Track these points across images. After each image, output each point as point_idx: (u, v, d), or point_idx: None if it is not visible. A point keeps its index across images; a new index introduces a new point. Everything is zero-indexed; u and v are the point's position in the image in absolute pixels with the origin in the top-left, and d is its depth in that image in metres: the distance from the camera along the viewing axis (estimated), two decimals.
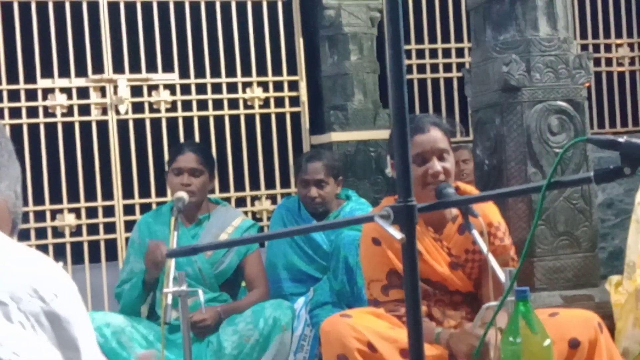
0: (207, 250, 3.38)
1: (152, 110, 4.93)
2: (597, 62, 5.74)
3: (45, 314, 0.96)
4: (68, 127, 4.77)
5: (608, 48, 5.94)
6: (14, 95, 4.70)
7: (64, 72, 4.76)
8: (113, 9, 4.84)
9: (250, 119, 5.12)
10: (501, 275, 2.23)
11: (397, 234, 1.36)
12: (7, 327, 0.93)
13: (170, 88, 4.96)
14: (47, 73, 4.74)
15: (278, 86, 5.20)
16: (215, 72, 5.04)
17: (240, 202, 5.08)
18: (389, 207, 1.40)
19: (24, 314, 0.94)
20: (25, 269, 0.99)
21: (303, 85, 5.23)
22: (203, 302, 2.81)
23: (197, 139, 4.92)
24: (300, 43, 5.24)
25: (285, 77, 5.19)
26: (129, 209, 4.85)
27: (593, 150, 3.54)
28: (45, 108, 4.75)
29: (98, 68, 4.82)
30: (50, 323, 0.96)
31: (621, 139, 1.39)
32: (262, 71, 5.15)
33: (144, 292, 3.51)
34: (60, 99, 4.76)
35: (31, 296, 0.95)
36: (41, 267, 1.01)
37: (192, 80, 5.00)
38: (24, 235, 4.61)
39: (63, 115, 4.77)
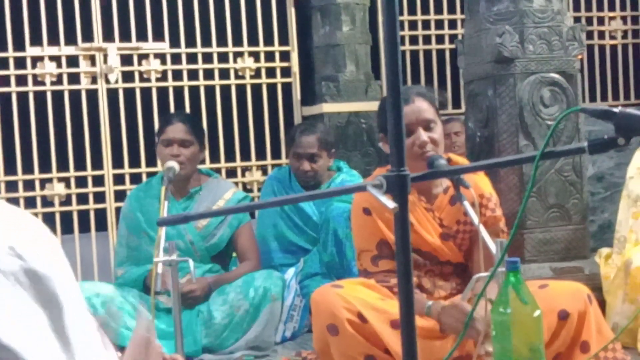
0: (198, 219, 3.38)
1: (142, 79, 4.89)
2: (589, 35, 5.72)
3: (25, 272, 0.93)
4: (57, 96, 4.74)
5: (601, 21, 5.92)
6: (2, 63, 4.66)
7: (54, 40, 4.72)
8: None
9: (241, 89, 5.09)
10: (492, 246, 2.23)
11: (389, 203, 1.35)
12: None
13: (161, 57, 4.92)
14: (36, 41, 4.69)
15: (269, 56, 5.16)
16: (206, 42, 5.00)
17: (231, 173, 5.07)
18: (381, 176, 1.39)
19: (2, 273, 0.92)
20: (0, 225, 0.96)
21: (295, 56, 5.20)
22: (194, 272, 2.81)
23: (187, 109, 4.89)
24: (292, 13, 5.19)
25: (276, 48, 5.16)
26: (118, 179, 4.83)
27: (585, 123, 3.53)
28: (35, 76, 4.71)
29: (88, 36, 4.77)
30: (29, 280, 0.93)
31: (616, 110, 1.37)
32: (253, 41, 5.11)
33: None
34: (50, 68, 4.72)
35: (9, 254, 0.93)
36: (17, 223, 0.98)
37: (183, 49, 4.96)
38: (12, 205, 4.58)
39: (52, 83, 4.73)
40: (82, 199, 4.80)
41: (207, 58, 5.02)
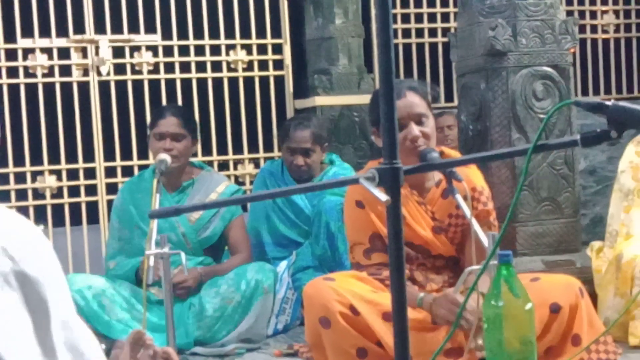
0: (190, 211, 3.37)
1: (134, 71, 4.87)
2: (582, 29, 5.72)
3: (15, 274, 0.92)
4: (49, 88, 4.71)
5: (593, 15, 5.92)
6: None
7: (45, 32, 4.69)
8: None
9: (233, 82, 5.07)
10: (484, 239, 2.24)
11: (382, 196, 1.34)
12: None
13: (153, 49, 4.90)
14: (27, 33, 4.66)
15: (262, 49, 5.15)
16: (199, 34, 4.98)
17: (223, 166, 5.06)
18: (374, 168, 1.39)
19: None
20: None
21: (287, 49, 5.18)
22: (185, 264, 2.80)
23: (179, 101, 4.87)
24: (284, 5, 5.17)
25: (269, 40, 5.14)
26: (110, 172, 4.81)
27: (577, 117, 3.54)
28: (26, 68, 4.68)
29: (79, 28, 4.74)
30: (19, 283, 0.92)
31: (608, 103, 1.37)
32: (245, 34, 5.09)
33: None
34: (41, 60, 4.70)
35: (1, 255, 0.92)
36: (11, 225, 0.97)
37: (175, 42, 4.94)
38: (4, 197, 4.57)
39: (44, 75, 4.71)
40: (74, 191, 4.78)
41: (199, 50, 5.00)
